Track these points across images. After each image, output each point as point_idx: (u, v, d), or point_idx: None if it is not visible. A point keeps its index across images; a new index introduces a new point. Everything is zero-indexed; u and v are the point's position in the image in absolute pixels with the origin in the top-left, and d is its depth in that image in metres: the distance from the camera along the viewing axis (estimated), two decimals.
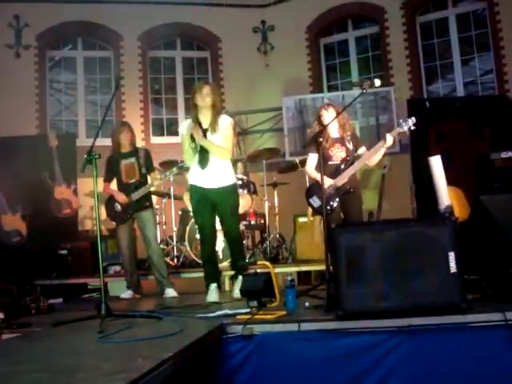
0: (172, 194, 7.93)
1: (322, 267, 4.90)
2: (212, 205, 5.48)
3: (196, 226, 5.79)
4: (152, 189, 6.54)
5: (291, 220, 7.67)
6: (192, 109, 5.48)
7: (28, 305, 5.22)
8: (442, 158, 5.61)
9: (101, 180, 4.50)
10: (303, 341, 3.80)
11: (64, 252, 7.53)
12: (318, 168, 5.80)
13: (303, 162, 8.02)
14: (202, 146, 5.34)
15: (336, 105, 6.00)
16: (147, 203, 6.45)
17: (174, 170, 6.33)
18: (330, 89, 10.55)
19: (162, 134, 10.51)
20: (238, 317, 4.09)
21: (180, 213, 8.05)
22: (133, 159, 6.43)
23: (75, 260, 7.47)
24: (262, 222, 7.80)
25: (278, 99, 9.64)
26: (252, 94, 9.94)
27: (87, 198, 9.00)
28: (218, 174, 5.40)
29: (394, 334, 3.68)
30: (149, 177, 6.47)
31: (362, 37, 10.46)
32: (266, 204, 7.87)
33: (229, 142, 5.46)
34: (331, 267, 4.28)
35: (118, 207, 6.40)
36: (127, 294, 6.42)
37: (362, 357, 3.72)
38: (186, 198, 7.75)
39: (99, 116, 10.30)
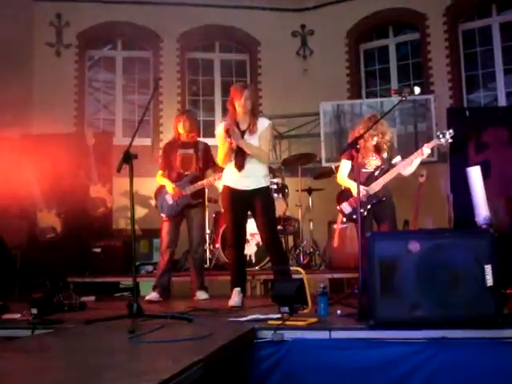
0: (206, 195, 7.94)
1: (355, 275, 4.87)
2: (246, 206, 5.44)
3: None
4: (207, 185, 6.38)
5: (325, 226, 7.65)
6: (229, 111, 5.45)
7: (61, 301, 5.27)
8: (482, 169, 5.54)
9: (136, 180, 4.50)
10: (334, 349, 3.77)
11: (97, 250, 7.60)
12: (350, 175, 5.81)
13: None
14: (239, 147, 5.30)
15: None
16: (200, 200, 6.34)
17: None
18: (369, 95, 10.50)
19: (199, 136, 10.51)
20: (269, 322, 4.08)
21: (214, 215, 8.07)
22: (191, 150, 6.30)
23: (108, 258, 7.52)
24: (296, 227, 7.79)
25: (316, 104, 9.60)
26: (289, 99, 9.93)
27: (122, 198, 9.08)
28: (254, 176, 5.36)
29: (427, 346, 3.63)
30: (207, 172, 6.33)
31: (403, 43, 10.40)
32: (300, 210, 7.86)
33: (267, 145, 5.41)
34: (364, 276, 4.26)
35: (169, 199, 6.25)
36: (153, 295, 6.18)
37: (393, 368, 3.67)
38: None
39: (136, 116, 10.41)
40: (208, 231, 7.84)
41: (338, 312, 4.43)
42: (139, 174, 6.41)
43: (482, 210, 5.42)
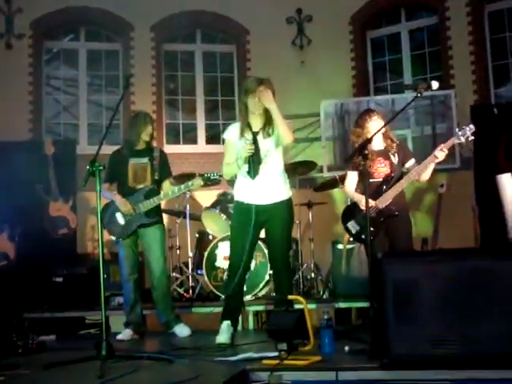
0: (188, 212, 7.94)
1: (365, 304, 4.87)
2: (259, 225, 5.45)
3: (218, 251, 5.73)
4: (163, 200, 6.36)
5: (329, 246, 7.65)
6: (241, 110, 5.45)
7: (14, 342, 5.25)
8: None
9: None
10: None
11: (59, 279, 7.56)
12: (358, 187, 5.82)
13: (344, 178, 8.04)
14: (253, 153, 5.27)
15: (379, 111, 6.00)
16: (157, 218, 6.29)
17: (199, 179, 6.14)
18: (378, 91, 10.54)
19: (178, 142, 10.57)
20: (264, 361, 4.07)
21: (197, 236, 8.06)
22: (145, 159, 6.24)
23: (71, 289, 7.47)
24: (294, 248, 7.78)
25: (316, 103, 9.62)
26: (285, 97, 9.84)
27: (88, 216, 9.06)
28: (271, 185, 5.37)
29: None
30: (164, 185, 6.29)
31: (418, 29, 10.44)
32: (300, 227, 7.86)
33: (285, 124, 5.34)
34: (376, 305, 4.25)
35: (121, 218, 6.22)
36: (125, 334, 6.13)
37: None
38: (205, 218, 7.79)
39: (104, 119, 10.40)
40: (190, 254, 7.82)
41: (346, 348, 4.43)
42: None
43: None
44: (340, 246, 7.46)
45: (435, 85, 4.97)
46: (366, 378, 3.79)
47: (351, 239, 6.36)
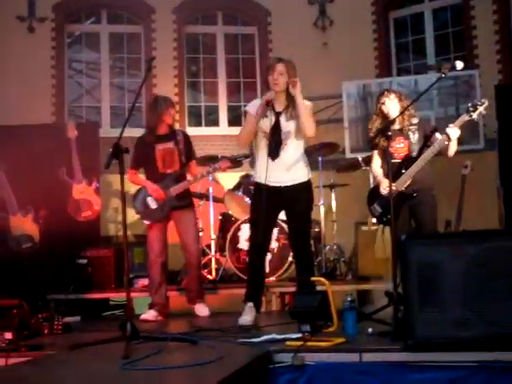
0: (211, 195, 7.95)
1: (389, 286, 4.86)
2: (279, 207, 5.48)
3: (240, 233, 5.74)
4: (192, 183, 6.42)
5: (352, 229, 7.63)
6: (263, 89, 5.48)
7: (40, 323, 5.29)
8: None
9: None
10: (365, 374, 3.77)
11: (83, 261, 7.59)
12: (382, 168, 5.80)
13: (367, 160, 7.99)
14: (273, 132, 5.28)
15: (397, 90, 5.97)
16: (188, 201, 6.38)
17: (226, 161, 6.28)
18: (400, 72, 10.48)
19: (200, 125, 10.58)
20: (288, 343, 4.08)
21: (220, 218, 8.07)
22: (171, 144, 6.29)
23: (96, 271, 7.51)
24: (317, 230, 7.78)
25: (338, 84, 9.58)
26: (307, 78, 9.73)
27: (111, 199, 9.10)
28: (291, 167, 5.37)
29: (476, 371, 3.62)
30: (191, 167, 6.38)
31: (441, 9, 10.36)
32: (322, 209, 7.85)
33: (310, 116, 5.37)
34: (400, 286, 4.24)
35: (153, 202, 6.29)
36: (149, 314, 6.20)
37: None
38: (228, 200, 7.80)
39: (126, 102, 10.43)
40: (213, 236, 7.83)
41: (370, 330, 4.42)
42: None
43: None
44: (364, 228, 7.45)
45: (459, 65, 4.92)
46: (389, 359, 3.79)
47: (374, 221, 6.34)
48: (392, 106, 5.65)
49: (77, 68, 10.76)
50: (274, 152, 5.33)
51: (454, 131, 5.33)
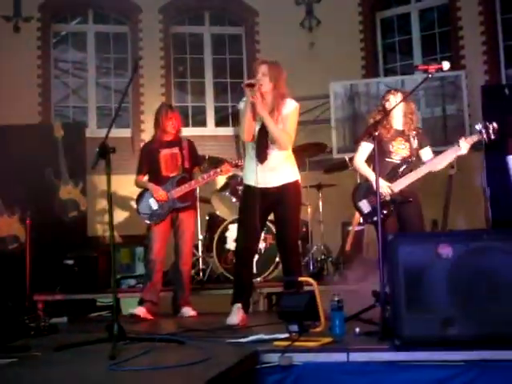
0: (198, 195, 7.93)
1: (376, 286, 4.87)
2: (267, 209, 5.46)
3: (228, 234, 5.74)
4: (193, 187, 6.58)
5: (339, 228, 7.65)
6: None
7: (26, 324, 5.26)
8: None
9: (115, 178, 4.51)
10: (352, 374, 3.76)
11: (69, 262, 7.57)
12: (369, 163, 5.80)
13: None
14: (259, 137, 5.30)
15: (405, 91, 5.98)
16: (188, 203, 6.50)
17: (227, 165, 6.45)
18: (387, 72, 10.51)
19: (187, 125, 10.55)
20: (275, 343, 4.07)
21: (207, 218, 8.06)
22: (175, 149, 6.51)
23: (82, 272, 7.50)
24: (304, 230, 7.78)
25: (325, 85, 9.60)
26: (294, 78, 9.73)
27: (98, 199, 9.07)
28: (278, 169, 5.36)
29: (464, 370, 3.62)
30: (194, 172, 6.60)
31: (428, 9, 10.40)
32: (309, 209, 7.86)
33: (291, 127, 5.39)
34: (387, 286, 4.25)
35: (154, 204, 6.44)
36: (138, 310, 6.25)
37: None
38: (215, 201, 7.80)
39: (113, 102, 10.41)
40: (201, 237, 7.83)
41: (357, 330, 4.42)
42: (118, 170, 6.46)
43: None
44: (351, 228, 7.46)
45: (446, 65, 4.92)
46: (377, 359, 3.78)
47: (361, 220, 6.34)
48: (395, 102, 5.65)
49: (63, 68, 10.73)
50: (261, 155, 5.32)
51: (465, 146, 5.42)
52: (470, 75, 9.27)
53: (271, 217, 5.80)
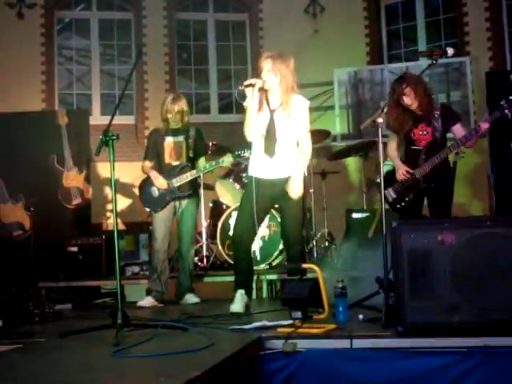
0: (202, 182, 7.92)
1: (380, 273, 4.87)
2: (272, 200, 5.49)
3: (231, 221, 5.73)
4: (196, 176, 6.51)
5: (342, 215, 7.64)
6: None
7: (31, 311, 5.27)
8: None
9: (119, 165, 4.52)
10: (356, 360, 3.78)
11: (74, 249, 7.58)
12: (398, 151, 5.82)
13: (357, 148, 8.01)
14: (268, 130, 5.27)
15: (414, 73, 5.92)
16: (190, 192, 6.44)
17: (230, 157, 6.40)
18: (392, 59, 10.46)
19: (191, 112, 10.50)
20: (279, 330, 4.09)
21: (210, 205, 8.05)
22: (181, 138, 6.45)
23: (87, 259, 7.50)
24: (308, 217, 7.78)
25: (329, 72, 9.58)
26: (298, 65, 9.83)
27: (102, 186, 9.08)
28: (284, 161, 5.32)
29: (467, 356, 3.63)
30: (199, 161, 6.54)
31: None
32: (313, 196, 7.85)
33: (308, 134, 5.44)
34: (391, 273, 4.25)
35: (155, 192, 6.41)
36: (146, 301, 6.29)
37: (427, 382, 3.67)
38: (219, 187, 7.79)
39: (117, 89, 10.40)
40: (205, 224, 7.83)
41: (360, 317, 4.43)
42: (122, 157, 6.48)
43: None
44: (355, 215, 7.46)
45: (450, 51, 4.91)
46: (380, 345, 3.79)
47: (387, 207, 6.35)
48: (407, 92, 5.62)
49: (67, 55, 10.71)
50: (269, 149, 5.30)
51: (485, 125, 5.39)
52: (475, 61, 9.24)
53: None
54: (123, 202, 8.88)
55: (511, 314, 3.64)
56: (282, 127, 5.29)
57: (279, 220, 6.56)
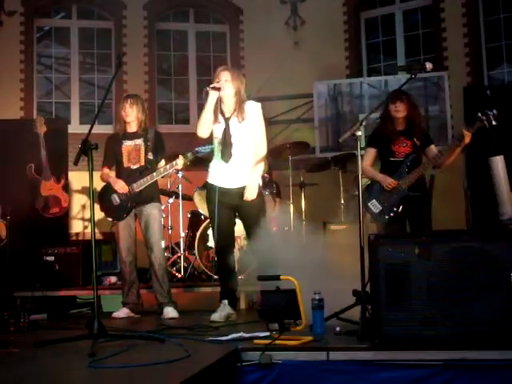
0: (180, 193, 7.92)
1: (357, 285, 4.88)
2: (233, 207, 5.58)
3: (210, 232, 5.78)
4: (158, 178, 6.33)
5: (320, 227, 7.65)
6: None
7: (6, 320, 5.24)
8: (506, 158, 5.56)
9: (97, 175, 4.51)
10: (332, 373, 3.78)
11: (50, 259, 7.53)
12: (374, 166, 5.89)
13: (337, 160, 8.03)
14: (224, 136, 5.45)
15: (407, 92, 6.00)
16: (151, 196, 6.30)
17: (189, 156, 6.23)
18: (371, 72, 10.53)
19: (170, 122, 10.55)
20: (256, 341, 4.09)
21: (189, 216, 8.04)
22: (139, 141, 6.29)
23: (63, 268, 7.46)
24: (287, 229, 7.78)
25: (309, 84, 9.60)
26: (277, 77, 9.91)
27: (79, 196, 9.03)
28: (241, 169, 5.49)
29: (443, 369, 3.64)
30: (158, 165, 6.34)
31: (412, 10, 10.43)
32: (292, 208, 7.86)
33: (263, 131, 5.57)
34: (368, 285, 4.26)
35: (116, 199, 6.25)
36: (122, 312, 6.22)
37: None
38: (197, 198, 7.77)
39: (96, 98, 10.36)
40: (183, 234, 7.81)
41: (337, 329, 4.43)
42: (100, 167, 6.42)
43: (506, 208, 5.44)
44: (333, 227, 7.47)
45: (429, 66, 4.95)
46: (356, 358, 3.80)
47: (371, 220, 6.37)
48: (402, 107, 5.78)
49: (46, 63, 10.68)
50: (226, 154, 5.47)
51: (468, 134, 5.46)
52: (453, 76, 9.30)
53: None
54: (101, 212, 8.83)
55: (486, 327, 3.66)
56: (237, 131, 5.49)
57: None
